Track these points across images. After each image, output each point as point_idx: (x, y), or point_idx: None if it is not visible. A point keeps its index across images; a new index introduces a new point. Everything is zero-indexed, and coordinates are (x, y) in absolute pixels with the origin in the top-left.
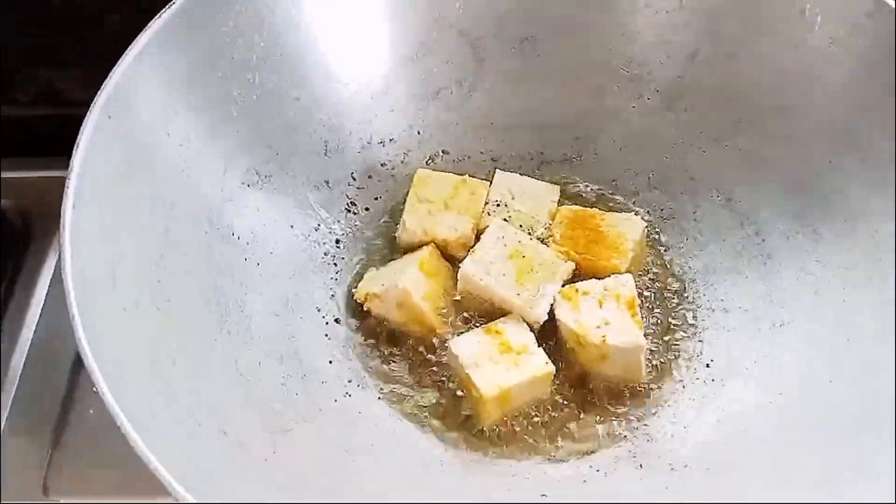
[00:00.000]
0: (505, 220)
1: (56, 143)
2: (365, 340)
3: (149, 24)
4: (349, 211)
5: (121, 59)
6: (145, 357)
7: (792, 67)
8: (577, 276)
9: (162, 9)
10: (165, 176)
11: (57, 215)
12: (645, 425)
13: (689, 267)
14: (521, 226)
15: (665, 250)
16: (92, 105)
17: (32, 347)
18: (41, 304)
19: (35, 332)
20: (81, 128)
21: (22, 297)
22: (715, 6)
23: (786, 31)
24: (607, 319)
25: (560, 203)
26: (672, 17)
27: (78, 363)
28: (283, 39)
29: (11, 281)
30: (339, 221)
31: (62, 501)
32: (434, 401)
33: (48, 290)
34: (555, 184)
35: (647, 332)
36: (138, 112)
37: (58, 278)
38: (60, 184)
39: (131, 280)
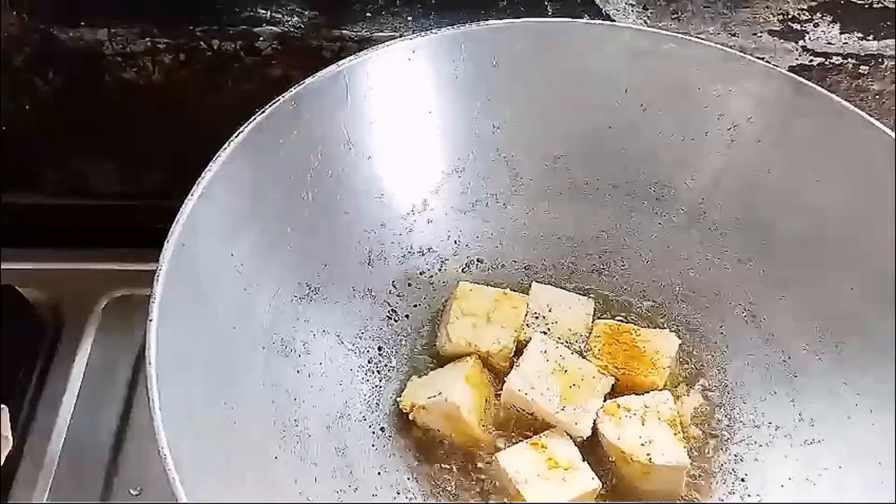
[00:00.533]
0: (544, 332)
1: (81, 233)
2: (410, 450)
3: (217, 155)
4: (390, 318)
5: (193, 189)
6: (217, 483)
7: (812, 201)
8: (614, 391)
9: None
10: (228, 300)
11: (89, 309)
12: None
13: (718, 380)
14: (559, 338)
15: (694, 362)
16: (167, 238)
17: (63, 452)
18: (72, 407)
19: (64, 441)
20: (159, 263)
21: (51, 402)
22: (737, 139)
23: (807, 167)
24: (651, 437)
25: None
26: (697, 145)
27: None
28: (335, 159)
29: (39, 384)
30: (381, 329)
31: None
32: None
33: (79, 393)
34: (586, 295)
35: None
36: (206, 240)
37: (91, 379)
38: (91, 276)
39: (204, 407)
